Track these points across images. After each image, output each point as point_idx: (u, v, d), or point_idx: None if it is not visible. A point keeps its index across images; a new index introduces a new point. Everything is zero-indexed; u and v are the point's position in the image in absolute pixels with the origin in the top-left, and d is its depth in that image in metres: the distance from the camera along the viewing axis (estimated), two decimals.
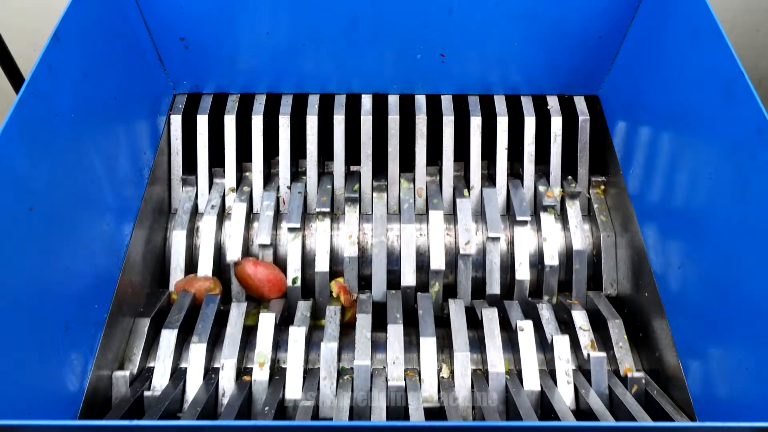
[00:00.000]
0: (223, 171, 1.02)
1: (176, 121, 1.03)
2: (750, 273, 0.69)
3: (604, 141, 1.03)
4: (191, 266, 0.97)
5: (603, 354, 0.83)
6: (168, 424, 0.65)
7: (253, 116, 1.03)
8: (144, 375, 0.84)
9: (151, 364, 0.86)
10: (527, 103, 1.04)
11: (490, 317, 0.86)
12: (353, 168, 1.05)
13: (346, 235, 0.96)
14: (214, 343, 0.87)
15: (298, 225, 0.95)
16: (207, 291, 0.91)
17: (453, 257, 0.96)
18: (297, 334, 0.84)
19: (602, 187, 1.03)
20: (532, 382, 0.81)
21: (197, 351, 0.83)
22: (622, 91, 1.00)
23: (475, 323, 0.90)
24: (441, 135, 1.02)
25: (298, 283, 0.94)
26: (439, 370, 0.84)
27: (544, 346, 0.86)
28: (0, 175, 0.65)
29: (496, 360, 0.82)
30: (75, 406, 0.74)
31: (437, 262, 0.94)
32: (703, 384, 0.75)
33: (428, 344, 0.83)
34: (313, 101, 1.04)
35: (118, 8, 0.90)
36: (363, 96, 1.05)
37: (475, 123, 1.02)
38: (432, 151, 1.03)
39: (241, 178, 1.04)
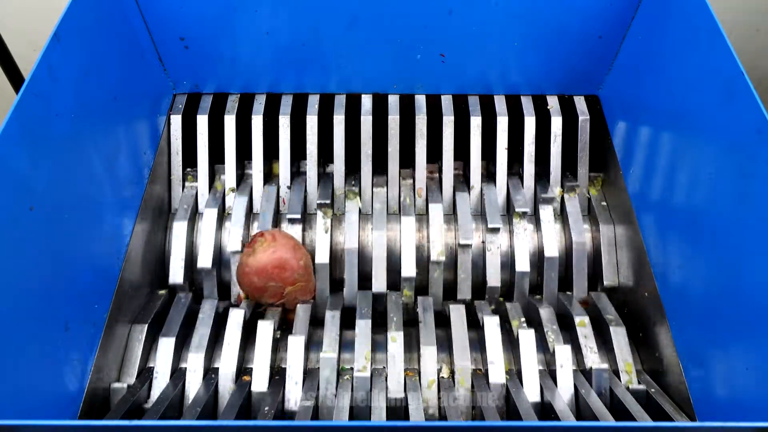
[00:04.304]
0: (223, 171, 1.02)
1: (176, 121, 1.03)
2: (750, 273, 0.69)
3: (604, 141, 1.03)
4: (191, 267, 0.97)
5: (606, 366, 0.83)
6: (168, 424, 0.65)
7: (253, 116, 1.03)
8: (144, 376, 0.83)
9: (151, 365, 0.86)
10: (527, 103, 1.04)
11: (490, 317, 0.86)
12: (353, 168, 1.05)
13: (345, 233, 0.96)
14: (214, 344, 0.87)
15: (298, 216, 0.95)
16: None
17: (453, 256, 0.96)
18: (297, 334, 0.84)
19: (599, 183, 1.03)
20: (532, 382, 0.81)
21: (195, 359, 0.83)
22: (622, 91, 1.00)
23: (475, 323, 0.90)
24: (441, 135, 1.02)
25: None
26: (439, 370, 0.84)
27: (544, 346, 0.86)
28: (0, 175, 0.65)
29: (497, 360, 0.82)
30: (75, 406, 0.74)
31: (437, 261, 0.94)
32: (703, 384, 0.75)
33: (429, 351, 0.83)
34: (313, 101, 1.04)
35: (118, 8, 0.90)
36: (363, 96, 1.05)
37: (475, 123, 1.02)
38: (432, 151, 1.02)
39: (241, 178, 1.04)
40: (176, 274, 0.95)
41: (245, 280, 0.88)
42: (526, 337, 0.84)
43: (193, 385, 0.82)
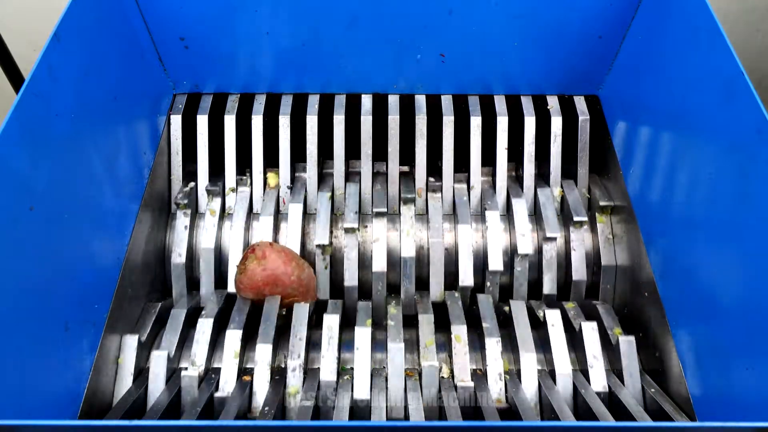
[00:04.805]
0: (223, 171, 1.02)
1: (176, 121, 1.03)
2: (750, 273, 0.69)
3: (604, 141, 1.03)
4: (192, 266, 0.97)
5: (593, 322, 0.84)
6: (168, 424, 0.65)
7: (253, 116, 1.03)
8: (144, 376, 0.83)
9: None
10: (527, 103, 1.04)
11: (488, 315, 0.87)
12: (353, 168, 1.05)
13: (346, 269, 0.95)
14: (214, 343, 0.87)
15: (298, 247, 0.95)
16: None
17: (453, 261, 0.96)
18: (297, 334, 0.84)
19: (608, 212, 0.99)
20: (531, 382, 0.82)
21: (203, 326, 0.83)
22: (622, 91, 1.00)
23: (476, 323, 0.90)
24: (441, 135, 1.02)
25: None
26: (439, 370, 0.84)
27: (544, 346, 0.86)
28: (0, 175, 0.65)
29: (495, 359, 0.83)
30: (75, 406, 0.74)
31: (437, 268, 0.94)
32: (703, 384, 0.75)
33: (426, 319, 0.86)
34: (313, 101, 1.04)
35: (118, 8, 0.90)
36: (363, 96, 1.05)
37: (475, 123, 1.02)
38: (432, 151, 1.02)
39: (241, 178, 1.04)
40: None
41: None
42: (525, 337, 0.84)
43: (195, 381, 0.82)
